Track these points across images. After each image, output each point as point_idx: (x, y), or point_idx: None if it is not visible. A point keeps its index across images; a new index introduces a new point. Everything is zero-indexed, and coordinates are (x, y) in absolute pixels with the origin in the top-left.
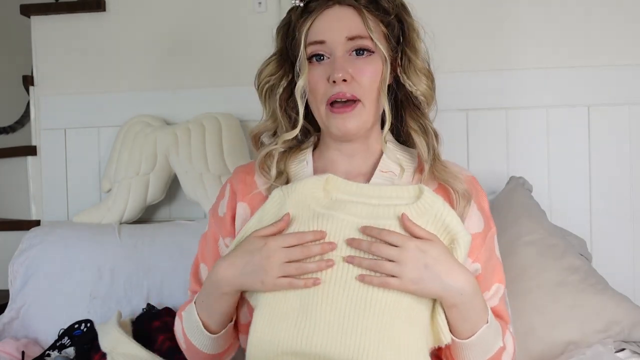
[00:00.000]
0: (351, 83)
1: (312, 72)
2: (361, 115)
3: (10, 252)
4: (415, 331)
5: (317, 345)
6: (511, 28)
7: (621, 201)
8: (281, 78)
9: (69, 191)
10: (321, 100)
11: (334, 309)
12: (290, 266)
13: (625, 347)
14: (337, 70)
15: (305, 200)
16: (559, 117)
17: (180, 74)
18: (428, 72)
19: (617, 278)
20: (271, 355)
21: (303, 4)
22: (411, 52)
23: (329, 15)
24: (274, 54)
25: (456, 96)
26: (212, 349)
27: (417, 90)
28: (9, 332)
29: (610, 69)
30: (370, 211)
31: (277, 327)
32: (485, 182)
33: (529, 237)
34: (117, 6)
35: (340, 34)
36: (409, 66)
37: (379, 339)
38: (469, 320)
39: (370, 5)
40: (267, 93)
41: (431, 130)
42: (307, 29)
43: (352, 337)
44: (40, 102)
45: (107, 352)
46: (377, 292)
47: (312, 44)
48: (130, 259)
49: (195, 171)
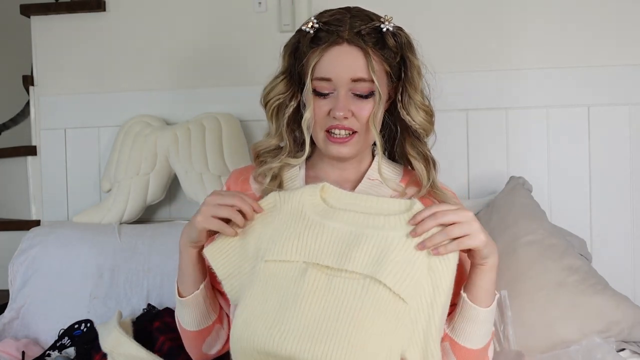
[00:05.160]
0: (351, 119)
1: (316, 104)
2: (357, 144)
3: (10, 252)
4: (388, 344)
5: (287, 349)
6: (511, 28)
7: (621, 201)
8: (290, 98)
9: (69, 191)
10: (321, 127)
11: (307, 316)
12: (221, 208)
13: (625, 347)
14: (339, 109)
15: (302, 208)
16: (559, 117)
17: (180, 74)
18: (427, 107)
19: (617, 278)
20: (248, 351)
21: (313, 32)
22: (411, 89)
23: (337, 54)
24: (282, 72)
25: (456, 96)
26: (189, 323)
27: (415, 124)
28: (9, 332)
29: (610, 69)
30: (362, 219)
31: (253, 326)
32: (485, 182)
33: (529, 237)
34: (117, 6)
35: (346, 75)
36: (408, 102)
37: (347, 348)
38: (493, 286)
39: (377, 46)
40: (275, 111)
41: (430, 159)
42: (315, 64)
43: (321, 345)
44: (40, 102)
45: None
46: (352, 301)
47: (318, 80)
48: (130, 259)
49: (195, 171)
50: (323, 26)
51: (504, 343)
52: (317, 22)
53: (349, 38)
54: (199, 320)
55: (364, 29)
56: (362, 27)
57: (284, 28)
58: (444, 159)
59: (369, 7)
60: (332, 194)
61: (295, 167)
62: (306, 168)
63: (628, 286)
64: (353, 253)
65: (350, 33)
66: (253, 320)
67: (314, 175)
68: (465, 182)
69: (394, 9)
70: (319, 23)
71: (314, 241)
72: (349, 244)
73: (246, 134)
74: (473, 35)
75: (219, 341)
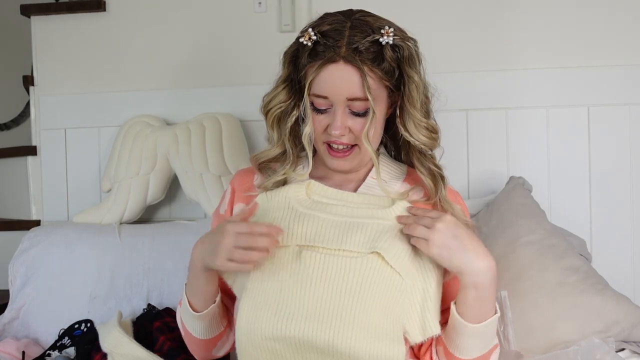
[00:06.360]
0: (348, 135)
1: (314, 118)
2: (357, 156)
3: (10, 252)
4: (391, 318)
5: (296, 330)
6: (511, 28)
7: (621, 201)
8: (293, 107)
9: (69, 191)
10: (320, 140)
11: (310, 296)
12: (237, 252)
13: (625, 347)
14: (335, 127)
15: (289, 202)
16: (559, 117)
17: (180, 74)
18: (428, 124)
19: (617, 278)
20: (256, 340)
21: (312, 44)
22: (410, 105)
23: (333, 72)
24: (282, 81)
25: (456, 96)
26: (202, 333)
27: (415, 141)
28: (9, 332)
29: (610, 69)
30: (349, 211)
31: (258, 315)
32: (485, 182)
33: (529, 237)
34: (117, 6)
35: (342, 94)
36: (407, 118)
37: (354, 325)
38: (483, 306)
39: (375, 62)
40: (276, 120)
41: (437, 174)
42: (312, 80)
43: (328, 323)
44: (40, 102)
45: (108, 353)
46: (355, 280)
47: (315, 96)
48: (130, 259)
49: (195, 171)
50: (321, 39)
51: (504, 343)
52: (316, 34)
53: (345, 56)
54: (212, 330)
55: (362, 44)
56: (359, 43)
57: (284, 28)
58: (444, 159)
59: (369, 8)
60: (317, 190)
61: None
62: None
63: (628, 286)
64: (349, 235)
65: (348, 50)
66: (256, 309)
67: (318, 176)
68: (465, 182)
69: (394, 9)
70: (317, 35)
71: (305, 228)
72: (343, 230)
73: (246, 134)
74: (473, 35)
75: (228, 343)
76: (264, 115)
